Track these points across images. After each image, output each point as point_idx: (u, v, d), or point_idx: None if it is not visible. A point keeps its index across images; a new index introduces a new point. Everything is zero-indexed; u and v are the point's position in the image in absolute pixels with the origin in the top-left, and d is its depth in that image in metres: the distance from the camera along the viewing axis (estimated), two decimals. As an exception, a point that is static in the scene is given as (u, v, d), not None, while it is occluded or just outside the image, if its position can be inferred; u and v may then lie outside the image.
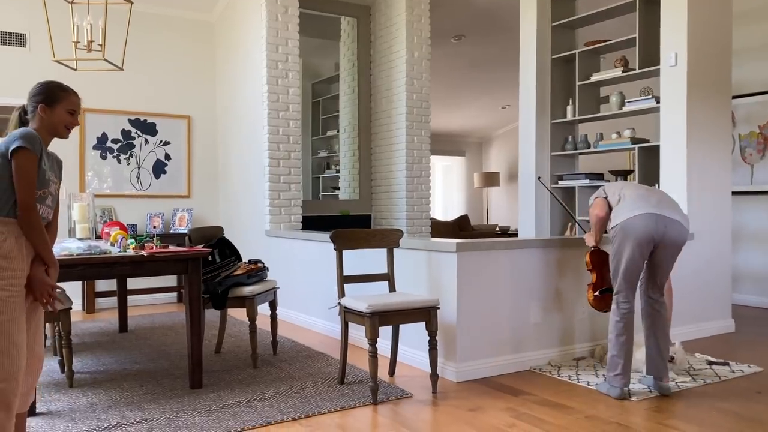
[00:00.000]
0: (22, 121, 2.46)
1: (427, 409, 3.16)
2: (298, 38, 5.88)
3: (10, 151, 2.27)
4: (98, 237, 5.00)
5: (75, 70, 4.60)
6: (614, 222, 3.37)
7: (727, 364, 3.93)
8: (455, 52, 8.24)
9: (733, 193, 6.20)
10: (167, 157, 6.74)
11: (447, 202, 12.39)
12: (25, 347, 2.31)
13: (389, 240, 3.70)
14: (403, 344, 3.97)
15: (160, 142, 6.71)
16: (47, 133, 2.44)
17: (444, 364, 3.69)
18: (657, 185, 5.05)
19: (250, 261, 4.24)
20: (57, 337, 3.83)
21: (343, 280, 3.56)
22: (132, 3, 4.62)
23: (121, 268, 3.33)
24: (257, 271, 4.12)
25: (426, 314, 3.38)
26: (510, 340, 3.83)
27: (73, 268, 3.13)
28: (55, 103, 2.41)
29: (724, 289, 4.96)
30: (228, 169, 6.75)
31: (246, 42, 6.19)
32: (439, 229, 8.76)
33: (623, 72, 5.33)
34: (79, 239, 4.36)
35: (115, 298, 6.36)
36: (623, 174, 5.62)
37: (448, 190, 12.43)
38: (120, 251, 3.46)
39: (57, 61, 4.49)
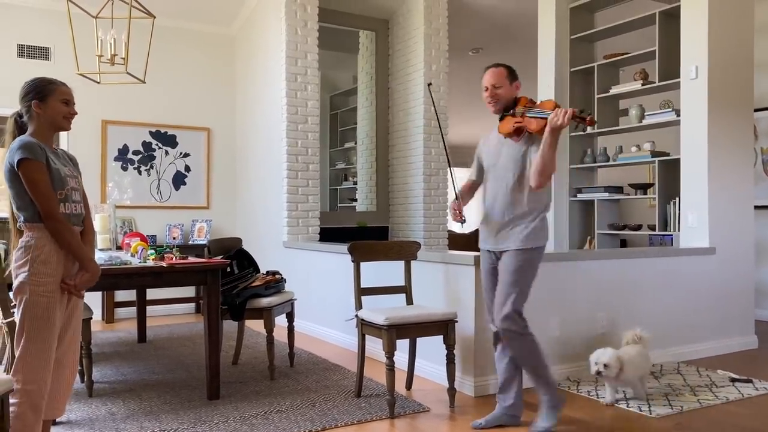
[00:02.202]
0: (19, 126, 2.44)
1: (445, 423, 3.14)
2: (317, 52, 5.93)
3: (15, 165, 2.29)
4: (119, 248, 5.06)
5: (98, 83, 4.68)
6: (544, 239, 2.98)
7: (750, 381, 3.86)
8: (473, 64, 8.25)
9: (756, 207, 6.11)
10: (187, 168, 6.81)
11: (464, 214, 12.34)
12: (54, 352, 2.35)
13: (407, 252, 3.70)
14: (421, 357, 3.96)
15: (180, 153, 6.78)
16: (48, 129, 2.41)
17: (462, 378, 3.67)
18: (677, 199, 5.00)
19: (267, 272, 4.25)
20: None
21: (361, 292, 3.56)
22: (154, 17, 4.70)
23: (142, 278, 3.36)
24: (275, 283, 4.14)
25: (444, 327, 3.37)
26: (528, 355, 3.79)
27: (94, 279, 3.16)
28: (47, 97, 2.39)
29: (746, 305, 4.89)
30: (246, 180, 6.80)
31: (265, 55, 6.25)
32: (456, 241, 8.73)
33: (643, 85, 5.31)
34: (100, 250, 4.41)
35: (134, 308, 6.41)
36: (643, 187, 5.58)
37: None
38: (140, 262, 3.49)
39: (81, 75, 4.57)
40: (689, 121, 4.75)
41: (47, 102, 2.39)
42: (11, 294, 2.43)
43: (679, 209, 4.89)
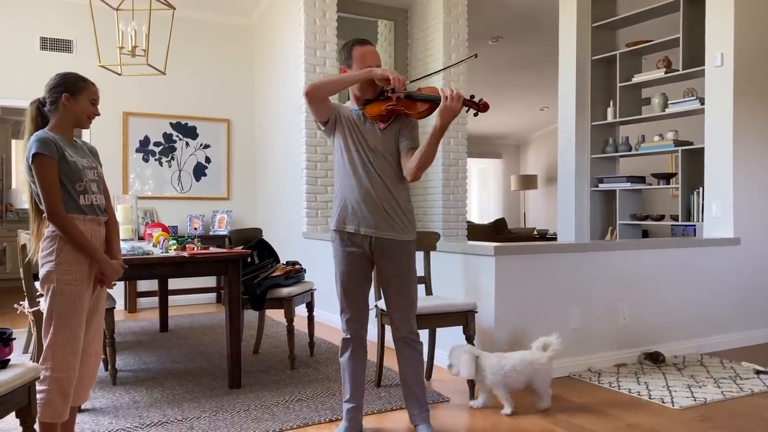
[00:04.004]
0: (42, 114, 2.46)
1: (465, 413, 3.14)
2: (336, 42, 5.92)
3: (29, 159, 2.31)
4: (141, 238, 5.11)
5: (119, 74, 4.72)
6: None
7: (775, 373, 3.80)
8: (493, 53, 8.18)
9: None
10: (207, 159, 6.85)
11: (483, 205, 12.30)
12: (82, 340, 2.39)
13: (426, 243, 3.69)
14: (440, 348, 3.95)
15: (201, 145, 6.83)
16: (70, 123, 2.44)
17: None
18: (701, 189, 4.93)
19: (287, 262, 4.27)
20: (101, 335, 3.92)
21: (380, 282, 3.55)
22: (174, 9, 4.72)
23: (164, 268, 3.39)
24: (295, 273, 4.16)
25: (463, 318, 3.36)
26: (549, 346, 3.77)
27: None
28: (78, 94, 2.43)
29: (772, 296, 4.81)
30: (266, 171, 6.82)
31: (284, 46, 6.25)
32: (476, 232, 8.69)
33: (666, 73, 5.22)
34: (123, 240, 4.46)
35: (156, 298, 6.48)
36: (666, 177, 5.50)
37: (484, 192, 12.34)
38: (162, 252, 3.52)
39: (102, 66, 4.61)
40: (714, 110, 4.66)
41: (77, 98, 2.43)
42: (37, 284, 2.45)
43: (703, 199, 4.81)
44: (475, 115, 2.62)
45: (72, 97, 2.42)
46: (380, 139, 2.68)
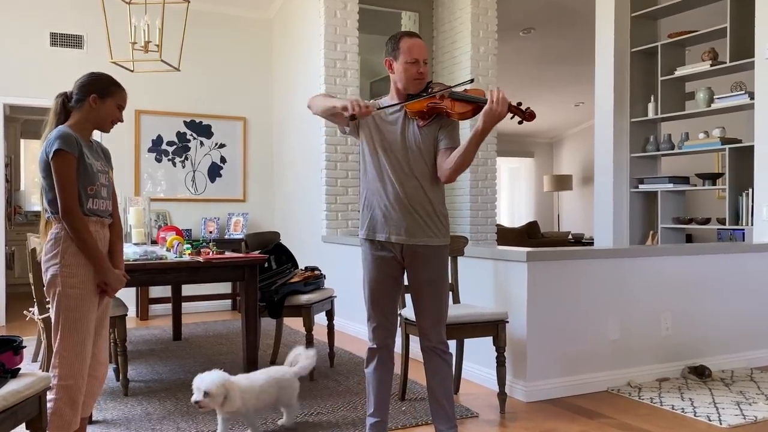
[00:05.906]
0: (66, 109, 2.51)
1: (495, 430, 3.11)
2: (357, 35, 5.93)
3: (50, 155, 2.35)
4: (154, 242, 5.17)
5: (132, 71, 4.78)
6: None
7: (833, 390, 3.71)
8: (524, 46, 8.14)
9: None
10: (222, 159, 6.92)
11: (514, 207, 12.23)
12: (91, 346, 2.42)
13: (453, 248, 3.67)
14: (468, 360, 3.93)
15: (216, 144, 6.89)
16: (91, 124, 2.51)
17: (512, 382, 3.63)
18: (750, 190, 4.84)
19: (306, 268, 4.29)
20: (112, 344, 3.97)
21: (404, 290, 3.55)
22: (189, 2, 4.77)
23: (178, 274, 3.43)
24: (314, 279, 4.17)
25: (493, 328, 3.34)
26: (585, 358, 3.73)
27: (129, 274, 3.23)
28: (108, 97, 2.50)
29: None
30: (284, 172, 6.86)
31: (304, 40, 6.29)
32: (506, 236, 8.64)
33: (712, 66, 5.15)
34: (135, 244, 4.52)
35: (169, 304, 6.54)
36: (712, 177, 5.41)
37: (515, 194, 12.27)
38: (176, 257, 3.56)
39: (114, 63, 4.68)
40: (765, 105, 4.58)
41: (105, 101, 2.51)
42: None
43: (753, 201, 4.73)
44: (520, 122, 2.65)
45: (100, 99, 2.49)
46: (418, 136, 2.69)
